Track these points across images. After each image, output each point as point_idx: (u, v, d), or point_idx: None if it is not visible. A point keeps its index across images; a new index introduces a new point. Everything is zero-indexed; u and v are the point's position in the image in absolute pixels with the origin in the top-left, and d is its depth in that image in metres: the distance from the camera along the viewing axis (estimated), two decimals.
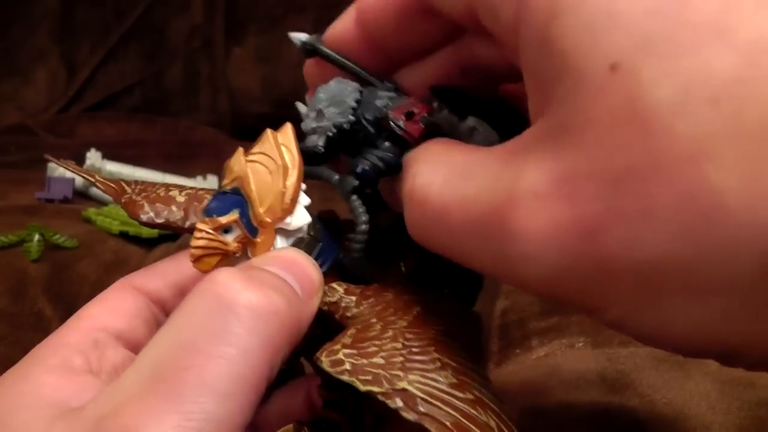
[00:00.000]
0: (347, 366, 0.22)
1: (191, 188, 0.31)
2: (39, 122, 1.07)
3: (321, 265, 0.26)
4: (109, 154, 0.87)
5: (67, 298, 0.57)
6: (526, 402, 0.45)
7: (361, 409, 0.29)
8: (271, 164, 0.25)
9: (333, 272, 0.27)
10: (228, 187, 0.25)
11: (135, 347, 0.27)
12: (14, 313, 0.55)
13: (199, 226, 0.24)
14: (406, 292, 0.27)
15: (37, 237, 0.62)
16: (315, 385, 0.29)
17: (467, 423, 0.21)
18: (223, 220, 0.24)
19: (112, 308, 0.28)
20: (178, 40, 1.12)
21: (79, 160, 0.85)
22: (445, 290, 0.30)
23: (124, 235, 0.67)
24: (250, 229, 0.25)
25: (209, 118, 1.11)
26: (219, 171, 0.90)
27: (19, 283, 0.58)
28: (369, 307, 0.25)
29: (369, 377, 0.21)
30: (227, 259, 0.25)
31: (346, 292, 0.26)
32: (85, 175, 0.32)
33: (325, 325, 0.25)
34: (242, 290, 0.22)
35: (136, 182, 0.31)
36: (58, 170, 0.82)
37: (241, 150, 0.25)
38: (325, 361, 0.22)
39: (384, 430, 0.31)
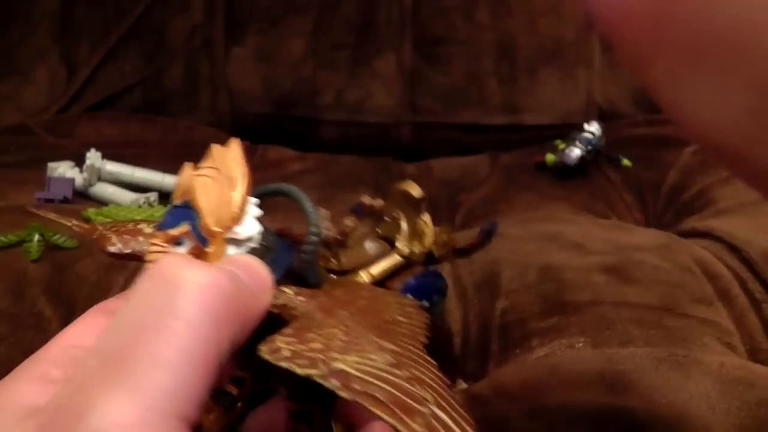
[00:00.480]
0: (285, 353, 0.22)
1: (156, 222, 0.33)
2: (39, 122, 1.07)
3: (273, 272, 0.27)
4: (109, 154, 0.87)
5: (67, 299, 0.57)
6: (526, 402, 0.45)
7: (329, 419, 0.31)
8: (219, 177, 0.26)
9: (288, 281, 0.28)
10: (178, 202, 0.26)
11: None
12: (14, 313, 0.55)
13: (153, 241, 0.26)
14: (355, 289, 0.28)
15: (37, 237, 0.62)
16: (283, 399, 0.30)
17: (403, 397, 0.21)
18: (174, 232, 0.26)
19: (88, 328, 0.29)
20: (178, 40, 1.12)
21: (79, 160, 0.85)
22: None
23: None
24: (201, 239, 0.26)
25: (209, 118, 1.11)
26: None
27: (19, 284, 0.57)
28: (317, 305, 0.26)
29: (306, 361, 0.22)
30: None
31: (296, 294, 0.27)
32: (62, 221, 0.33)
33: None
34: (187, 267, 0.23)
35: (110, 223, 0.33)
36: (57, 170, 0.82)
37: (188, 165, 0.27)
38: (264, 350, 0.23)
39: None
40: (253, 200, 0.27)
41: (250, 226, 0.27)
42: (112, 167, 0.85)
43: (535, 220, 0.76)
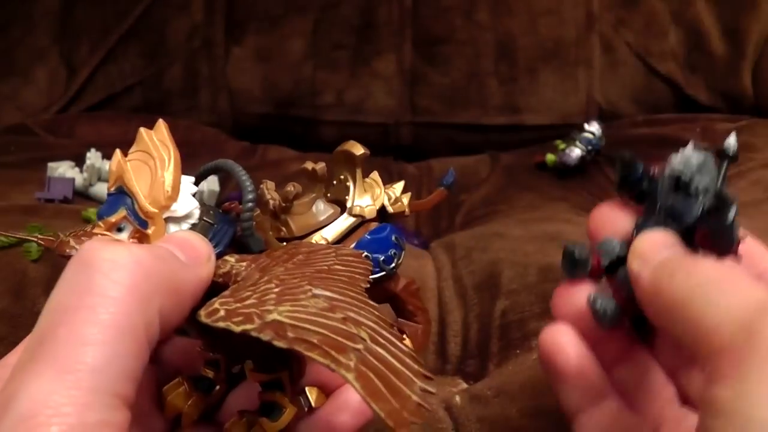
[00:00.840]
0: (221, 313, 0.23)
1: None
2: (39, 122, 1.07)
3: (217, 245, 0.28)
4: (109, 154, 0.86)
5: None
6: (526, 402, 0.45)
7: (301, 385, 0.31)
8: (149, 159, 0.27)
9: (235, 252, 0.29)
10: (112, 189, 0.27)
11: None
12: (14, 313, 0.55)
13: (95, 230, 0.27)
14: (295, 247, 0.29)
15: None
16: (251, 372, 0.31)
17: (335, 337, 0.22)
18: (113, 218, 0.27)
19: None
20: (178, 40, 1.12)
21: (79, 160, 0.85)
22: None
23: None
24: (140, 222, 0.27)
25: (209, 118, 1.11)
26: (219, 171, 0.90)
27: (19, 284, 0.57)
28: (256, 267, 0.27)
29: (241, 318, 0.22)
30: None
31: (237, 260, 0.28)
32: (22, 237, 0.34)
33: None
34: (103, 248, 0.23)
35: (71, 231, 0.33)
36: (57, 170, 0.82)
37: (118, 151, 0.28)
38: (203, 314, 0.23)
39: (325, 407, 0.32)
40: (188, 178, 0.28)
41: (187, 203, 0.28)
42: None
43: (536, 220, 0.76)
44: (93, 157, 0.84)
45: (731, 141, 0.30)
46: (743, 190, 0.77)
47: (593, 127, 0.94)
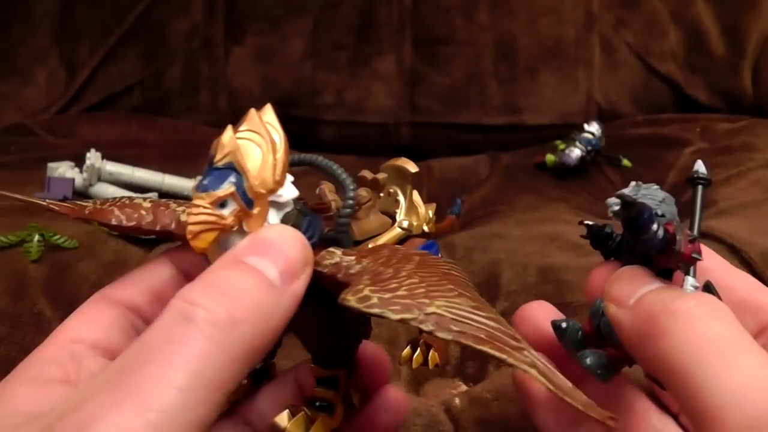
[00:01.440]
0: (375, 300, 0.23)
1: (152, 198, 0.32)
2: (39, 122, 1.07)
3: (311, 237, 0.27)
4: (109, 155, 0.86)
5: (67, 299, 0.57)
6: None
7: (349, 386, 0.31)
8: (260, 140, 0.26)
9: (319, 245, 0.28)
10: (220, 163, 0.25)
11: (113, 355, 0.28)
12: (14, 313, 0.55)
13: (197, 201, 0.25)
14: (399, 249, 0.28)
15: (37, 237, 0.62)
16: (307, 364, 0.30)
17: (498, 334, 0.22)
18: (220, 193, 0.25)
19: (88, 320, 0.28)
20: (178, 40, 1.12)
21: (79, 160, 0.85)
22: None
23: (123, 236, 0.67)
24: (247, 201, 0.25)
25: (209, 118, 1.11)
26: None
27: (19, 284, 0.57)
28: (371, 262, 0.26)
29: (398, 307, 0.22)
30: (223, 234, 0.25)
31: (344, 254, 0.27)
32: (33, 200, 0.33)
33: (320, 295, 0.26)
34: (202, 305, 0.22)
35: (93, 200, 0.32)
36: (57, 170, 0.82)
37: (230, 127, 0.26)
38: (351, 299, 0.23)
39: (367, 407, 0.32)
40: None
41: (291, 190, 0.27)
42: (112, 167, 0.85)
43: (535, 220, 0.76)
44: (93, 157, 0.84)
45: (700, 166, 0.30)
46: (743, 190, 0.77)
47: (593, 128, 0.94)
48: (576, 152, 0.91)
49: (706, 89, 1.08)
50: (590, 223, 0.30)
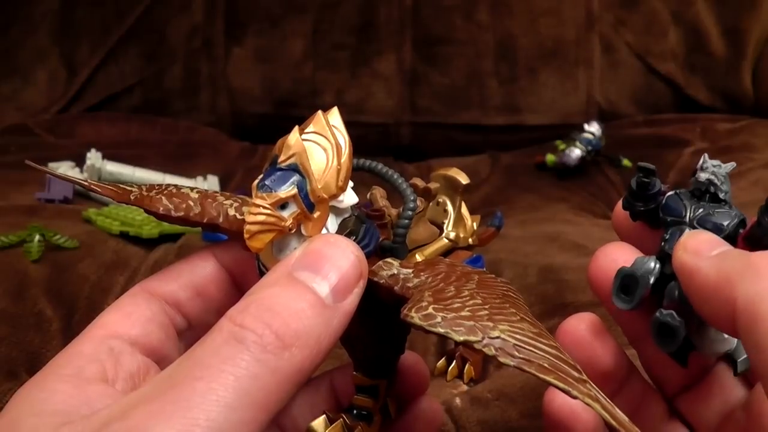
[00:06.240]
0: (439, 319, 0.22)
1: (199, 189, 0.31)
2: (39, 122, 1.07)
3: (368, 245, 0.26)
4: (109, 155, 0.87)
5: (68, 299, 0.57)
6: (527, 404, 0.45)
7: (387, 395, 0.30)
8: (325, 143, 0.26)
9: (374, 254, 0.27)
10: (284, 164, 0.25)
11: (151, 352, 0.27)
12: (14, 313, 0.54)
13: (257, 201, 0.24)
14: (456, 265, 0.27)
15: (37, 237, 0.62)
16: (343, 370, 0.30)
17: (561, 364, 0.22)
18: (283, 194, 0.24)
19: (127, 315, 0.28)
20: (178, 40, 1.12)
21: (79, 160, 0.85)
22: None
23: (124, 236, 0.67)
24: (308, 205, 0.25)
25: (209, 118, 1.11)
26: (219, 171, 0.91)
27: (19, 284, 0.57)
28: (430, 277, 0.25)
29: (462, 328, 0.22)
30: (280, 236, 0.25)
31: (401, 266, 0.26)
32: (80, 180, 0.32)
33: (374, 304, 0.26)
34: (251, 328, 0.22)
35: (138, 185, 0.31)
36: (58, 170, 0.82)
37: (297, 128, 0.26)
38: (415, 316, 0.23)
39: (404, 417, 0.32)
40: None
41: (352, 196, 0.26)
42: (113, 167, 0.85)
43: (536, 220, 0.76)
44: (93, 157, 0.84)
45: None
46: (743, 190, 0.77)
47: (593, 128, 0.94)
48: (576, 152, 0.91)
49: (706, 89, 1.08)
50: (651, 167, 0.28)
